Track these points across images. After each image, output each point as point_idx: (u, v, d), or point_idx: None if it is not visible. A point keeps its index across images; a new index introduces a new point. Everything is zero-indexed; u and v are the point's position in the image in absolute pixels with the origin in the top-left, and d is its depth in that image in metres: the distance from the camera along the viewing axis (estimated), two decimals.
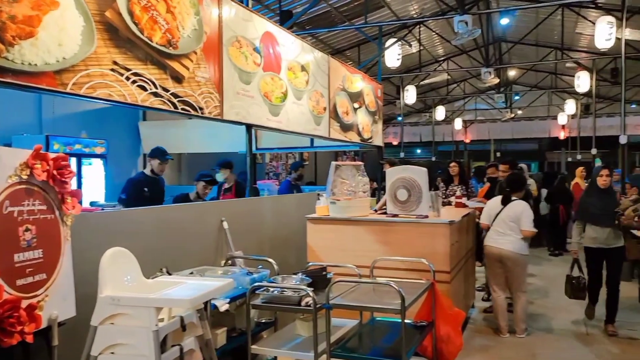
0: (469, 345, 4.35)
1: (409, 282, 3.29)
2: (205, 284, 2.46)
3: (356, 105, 7.11)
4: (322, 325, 2.72)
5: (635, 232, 5.68)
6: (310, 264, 3.77)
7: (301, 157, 13.10)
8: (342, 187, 4.53)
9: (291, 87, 5.10)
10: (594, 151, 12.18)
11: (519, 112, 19.76)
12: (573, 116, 16.53)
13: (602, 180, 4.69)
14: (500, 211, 4.71)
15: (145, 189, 4.76)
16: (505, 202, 4.71)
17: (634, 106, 17.96)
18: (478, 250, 5.62)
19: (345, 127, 6.70)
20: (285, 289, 2.85)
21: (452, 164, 6.38)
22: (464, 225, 4.87)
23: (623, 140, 7.86)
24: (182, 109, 3.49)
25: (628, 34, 10.96)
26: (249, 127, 4.39)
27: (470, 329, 5.04)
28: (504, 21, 12.07)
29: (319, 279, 3.02)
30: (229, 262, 3.60)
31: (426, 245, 4.08)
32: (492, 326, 5.00)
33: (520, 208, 4.65)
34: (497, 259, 4.74)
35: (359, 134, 7.23)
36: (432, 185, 5.27)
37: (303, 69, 5.40)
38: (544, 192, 9.36)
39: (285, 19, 8.19)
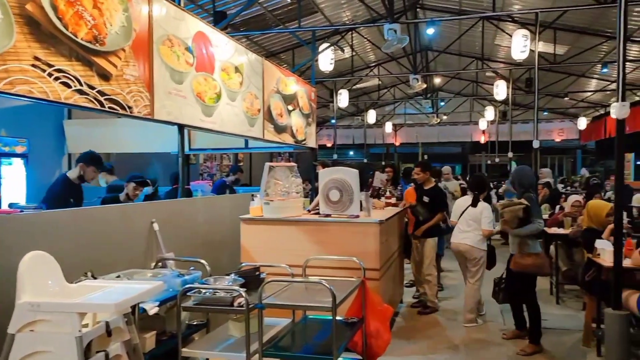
0: (396, 339, 4.55)
1: (341, 280, 3.38)
2: (132, 288, 2.41)
3: (290, 107, 7.18)
4: (255, 325, 2.75)
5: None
6: (243, 264, 3.77)
7: (236, 158, 12.98)
8: (276, 187, 4.57)
9: (225, 88, 5.07)
10: (510, 154, 13.04)
11: (444, 117, 20.76)
12: (492, 122, 17.62)
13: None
14: (464, 210, 5.15)
15: (72, 200, 4.33)
16: (475, 203, 5.15)
17: (545, 113, 19.45)
18: (406, 248, 5.88)
19: (280, 129, 6.75)
20: (218, 290, 2.85)
21: (388, 169, 6.77)
22: (393, 225, 5.08)
23: (536, 144, 8.50)
24: (110, 107, 3.38)
25: (541, 46, 11.90)
26: (181, 127, 4.32)
27: (399, 323, 5.25)
28: (430, 31, 12.66)
29: (252, 279, 3.04)
30: (160, 264, 3.52)
31: (357, 244, 4.22)
32: (418, 320, 5.27)
33: (480, 209, 5.10)
34: (460, 253, 5.18)
35: (293, 135, 7.30)
36: (365, 186, 5.51)
37: (237, 70, 5.39)
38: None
39: (219, 19, 8.09)
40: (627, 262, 4.08)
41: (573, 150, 22.72)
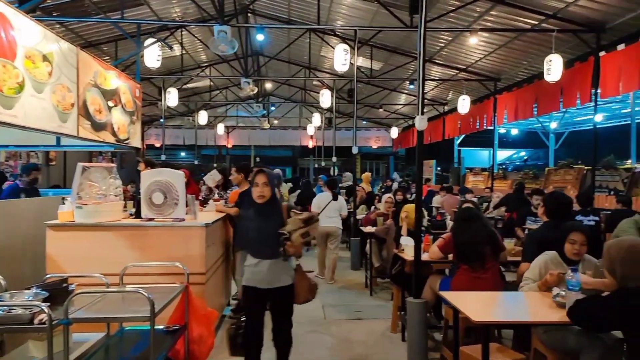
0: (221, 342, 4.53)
1: (162, 287, 3.25)
2: None
3: (111, 103, 6.61)
4: (61, 343, 2.48)
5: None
6: (49, 275, 3.36)
7: (47, 157, 11.50)
8: (91, 190, 4.19)
9: (30, 78, 4.45)
10: (334, 159, 14.01)
11: (275, 121, 21.38)
12: (319, 128, 18.72)
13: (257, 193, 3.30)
14: (329, 203, 7.43)
15: None
16: (336, 198, 7.61)
17: (364, 122, 21.37)
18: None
19: (98, 126, 6.16)
20: (14, 307, 2.50)
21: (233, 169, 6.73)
22: (220, 228, 5.05)
23: (355, 150, 9.31)
24: None
25: (360, 61, 13.05)
26: None
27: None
28: (260, 37, 12.92)
29: (59, 292, 2.74)
30: None
31: (182, 248, 4.09)
32: None
33: (340, 202, 7.73)
34: (327, 233, 7.44)
35: (114, 134, 6.73)
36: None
37: (45, 59, 4.77)
38: (293, 195, 10.36)
39: (24, 0, 7.07)
40: (425, 256, 4.67)
41: (387, 156, 25.37)
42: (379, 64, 13.19)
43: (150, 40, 9.61)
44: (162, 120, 16.43)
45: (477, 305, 3.12)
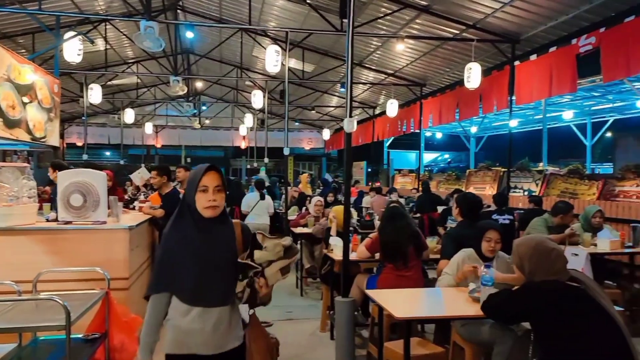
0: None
1: (81, 294, 3.11)
2: None
3: (26, 99, 6.22)
4: None
5: None
6: None
7: None
8: (2, 192, 3.90)
9: None
10: (266, 160, 13.98)
11: (207, 121, 20.94)
12: (251, 129, 18.56)
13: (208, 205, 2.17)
14: (257, 202, 8.16)
15: None
16: (263, 197, 8.36)
17: (297, 124, 21.47)
18: None
19: (11, 123, 5.79)
20: None
21: (178, 170, 6.53)
22: (145, 231, 4.88)
23: (286, 151, 9.33)
24: None
25: (293, 63, 13.10)
26: None
27: None
28: (189, 34, 12.61)
29: None
30: None
31: (104, 253, 3.92)
32: None
33: (267, 201, 8.45)
34: (255, 229, 6.94)
35: (30, 132, 6.35)
36: (123, 189, 5.16)
37: None
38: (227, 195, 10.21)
39: None
40: (353, 256, 4.77)
41: (320, 158, 25.65)
42: (311, 66, 13.32)
43: (71, 33, 9.09)
44: (84, 117, 15.58)
45: (400, 302, 3.24)
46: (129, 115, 15.88)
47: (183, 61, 15.05)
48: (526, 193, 9.80)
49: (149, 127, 18.87)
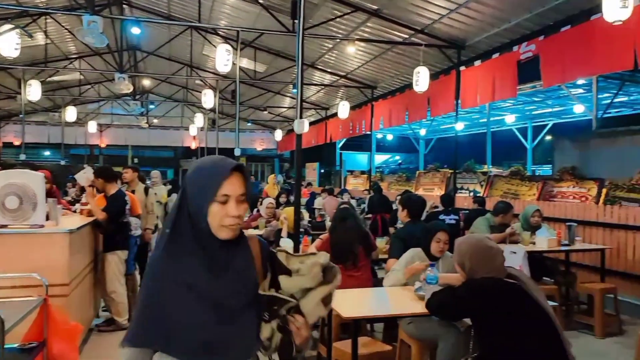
0: (94, 354, 4.24)
1: (17, 302, 2.95)
2: None
3: None
4: None
5: None
6: None
7: None
8: None
9: None
10: None
11: (155, 120, 20.37)
12: (202, 129, 18.22)
13: None
14: None
15: None
16: None
17: (249, 124, 21.28)
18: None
19: None
20: None
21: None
22: (86, 235, 4.68)
23: (237, 152, 9.24)
24: None
25: (245, 63, 12.97)
26: None
27: (94, 341, 4.84)
28: (136, 30, 12.22)
29: None
30: None
31: (42, 258, 3.73)
32: (116, 335, 4.99)
33: None
34: None
35: None
36: (63, 191, 4.92)
37: None
38: (175, 197, 9.94)
39: None
40: None
41: (272, 159, 25.53)
42: (263, 66, 13.23)
43: (7, 26, 8.60)
44: (22, 115, 14.77)
45: (348, 302, 3.28)
46: (70, 113, 15.20)
47: (129, 58, 14.57)
48: (471, 194, 10.16)
49: (92, 126, 18.14)
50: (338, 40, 10.06)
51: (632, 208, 6.14)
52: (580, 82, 10.11)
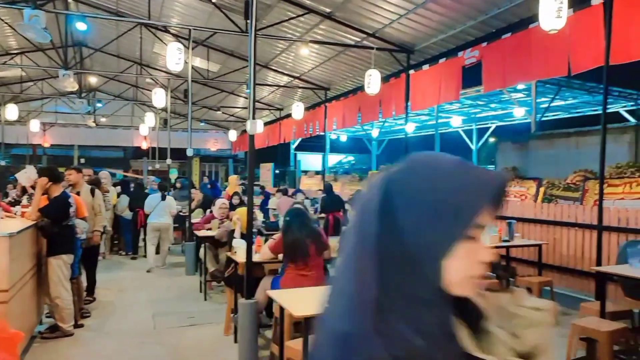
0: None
1: None
2: None
3: None
4: None
5: None
6: None
7: None
8: None
9: None
10: (169, 161, 13.47)
11: (103, 119, 19.70)
12: (153, 128, 17.78)
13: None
14: (158, 203, 8.34)
15: None
16: (164, 198, 8.46)
17: (202, 124, 20.95)
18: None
19: None
20: None
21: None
22: (28, 238, 4.50)
23: (190, 152, 9.09)
24: None
25: (198, 62, 12.79)
26: None
27: (35, 348, 4.67)
28: (81, 26, 11.78)
29: None
30: None
31: None
32: (61, 342, 4.84)
33: (168, 201, 8.56)
34: (157, 229, 8.34)
35: None
36: (3, 193, 4.69)
37: None
38: (126, 198, 9.62)
39: None
40: (257, 257, 4.78)
41: (226, 159, 25.24)
42: (216, 65, 13.09)
43: None
44: None
45: (301, 301, 3.32)
46: (11, 111, 14.46)
47: (75, 54, 14.03)
48: None
49: (35, 125, 17.31)
50: (291, 41, 10.11)
51: (566, 206, 6.55)
52: (520, 86, 10.63)
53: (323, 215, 9.35)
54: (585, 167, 7.79)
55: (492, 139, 17.24)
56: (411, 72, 8.81)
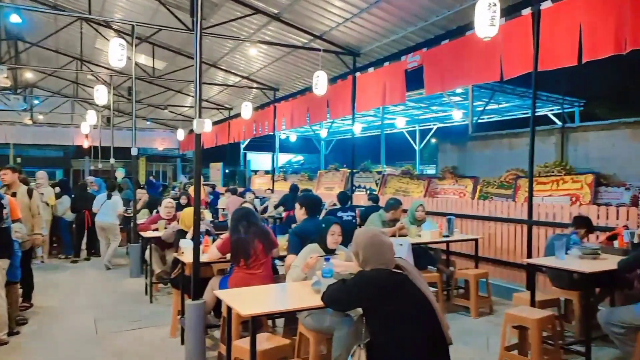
0: None
1: None
2: None
3: None
4: None
5: None
6: None
7: None
8: None
9: None
10: (112, 161, 13.07)
11: (41, 117, 18.78)
12: (95, 127, 17.13)
13: None
14: (104, 202, 8.44)
15: None
16: (110, 197, 8.52)
17: (149, 123, 20.41)
18: None
19: None
20: None
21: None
22: None
23: (134, 152, 8.84)
24: None
25: (143, 59, 12.46)
26: None
27: None
28: (15, 19, 11.19)
29: None
30: None
31: None
32: None
33: (113, 200, 8.60)
34: (102, 228, 8.44)
35: None
36: None
37: None
38: (67, 199, 9.25)
39: None
40: (204, 257, 4.72)
41: (174, 159, 24.71)
42: (162, 63, 12.83)
43: None
44: None
45: (248, 299, 3.36)
46: None
47: (9, 48, 13.33)
48: (367, 191, 10.73)
49: None
50: (240, 41, 10.08)
51: (500, 202, 6.97)
52: (458, 90, 11.13)
53: (284, 213, 9.32)
54: (517, 167, 8.28)
55: (433, 140, 17.94)
56: (357, 74, 9.03)
